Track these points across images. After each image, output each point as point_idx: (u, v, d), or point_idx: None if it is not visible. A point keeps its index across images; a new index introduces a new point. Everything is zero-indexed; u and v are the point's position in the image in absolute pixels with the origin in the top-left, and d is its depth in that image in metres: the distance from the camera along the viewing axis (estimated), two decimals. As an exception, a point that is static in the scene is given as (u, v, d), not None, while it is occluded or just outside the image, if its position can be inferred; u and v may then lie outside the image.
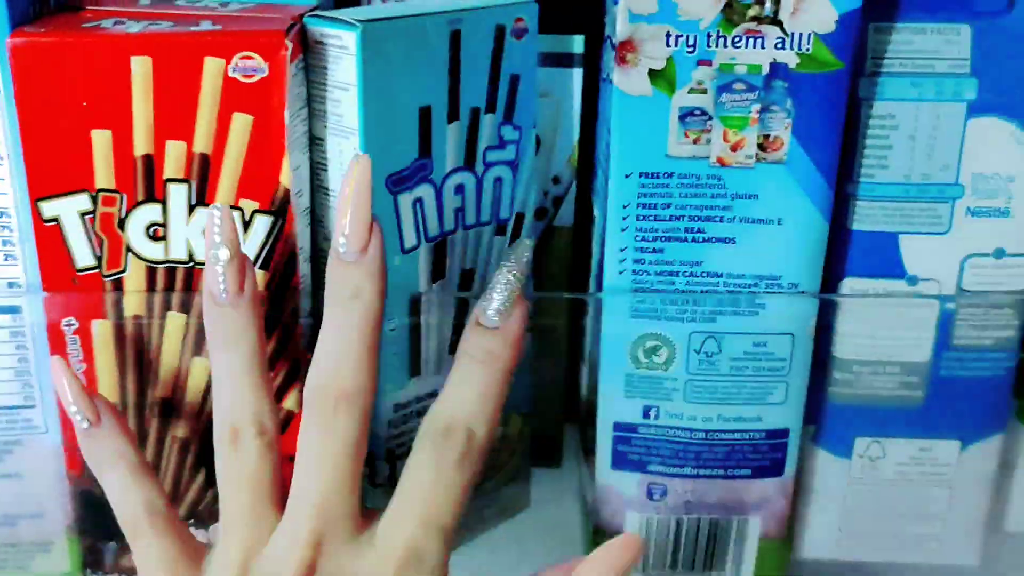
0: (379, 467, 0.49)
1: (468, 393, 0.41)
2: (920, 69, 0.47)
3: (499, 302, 0.41)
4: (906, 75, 0.47)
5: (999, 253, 0.49)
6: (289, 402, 0.47)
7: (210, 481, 0.43)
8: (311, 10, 0.46)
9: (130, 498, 0.41)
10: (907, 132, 0.47)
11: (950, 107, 0.47)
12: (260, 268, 0.45)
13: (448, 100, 0.46)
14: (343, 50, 0.43)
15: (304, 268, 0.46)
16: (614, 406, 0.51)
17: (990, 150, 0.47)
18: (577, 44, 0.50)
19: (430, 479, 0.40)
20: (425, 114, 0.46)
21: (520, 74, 0.49)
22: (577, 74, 0.50)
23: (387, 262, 0.41)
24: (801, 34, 0.45)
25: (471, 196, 0.48)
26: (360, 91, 0.43)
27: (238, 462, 0.40)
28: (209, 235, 0.40)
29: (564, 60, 0.50)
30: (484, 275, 0.50)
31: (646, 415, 0.51)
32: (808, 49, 0.45)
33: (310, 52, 0.45)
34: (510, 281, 0.41)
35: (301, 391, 0.41)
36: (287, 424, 0.45)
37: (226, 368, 0.41)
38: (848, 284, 0.49)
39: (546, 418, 0.56)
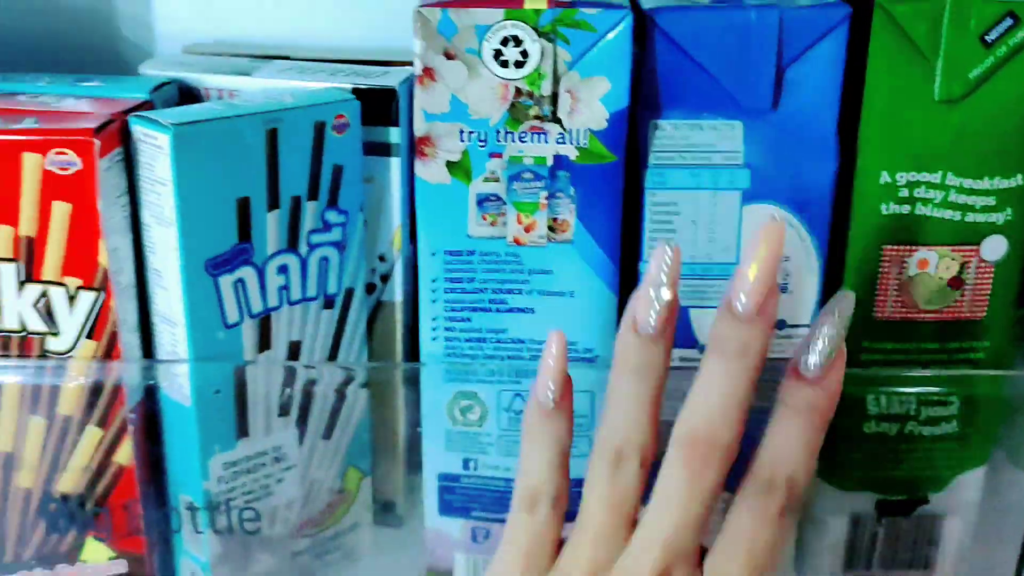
0: (201, 516, 0.54)
1: (790, 444, 0.42)
2: (698, 161, 0.51)
3: (822, 354, 0.42)
4: (686, 167, 0.51)
5: (780, 325, 0.53)
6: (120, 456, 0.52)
7: (53, 528, 0.49)
8: (139, 106, 0.50)
9: (544, 477, 0.45)
10: (689, 217, 0.52)
11: (726, 195, 0.51)
12: (86, 338, 0.50)
13: (267, 191, 0.51)
14: (159, 149, 0.48)
15: (128, 338, 0.51)
16: (437, 459, 0.55)
17: (765, 232, 0.52)
18: (394, 135, 0.55)
19: (754, 528, 0.42)
20: (244, 204, 0.50)
21: (343, 164, 0.53)
22: (395, 162, 0.55)
23: (212, 337, 0.46)
24: (578, 130, 0.49)
25: (295, 275, 0.53)
26: (175, 188, 0.48)
27: (612, 483, 0.43)
28: (656, 270, 0.43)
29: (385, 149, 0.54)
30: (311, 347, 0.55)
31: (466, 466, 0.55)
32: (585, 144, 0.50)
33: (136, 146, 0.49)
34: (832, 333, 0.42)
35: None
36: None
37: (628, 392, 0.43)
38: (645, 353, 0.54)
39: (386, 473, 0.60)
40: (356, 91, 0.54)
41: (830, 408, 0.43)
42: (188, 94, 0.55)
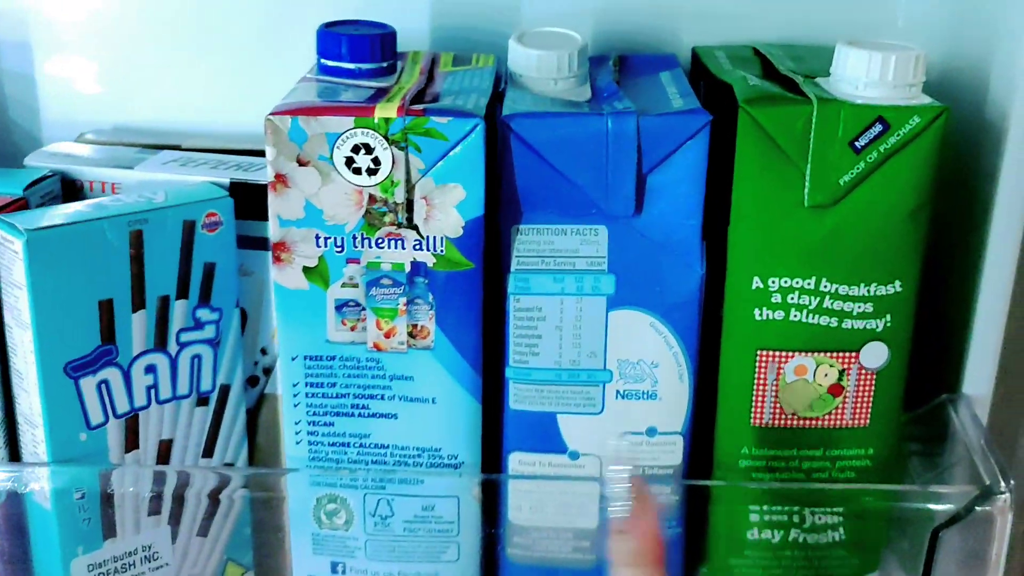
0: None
1: None
2: (562, 267, 0.50)
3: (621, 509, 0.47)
4: (549, 272, 0.50)
5: (651, 431, 0.52)
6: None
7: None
8: (10, 204, 0.51)
9: None
10: (554, 323, 0.51)
11: (592, 300, 0.51)
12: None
13: (132, 291, 0.51)
14: (15, 254, 0.48)
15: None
16: (306, 562, 0.55)
17: (632, 339, 0.51)
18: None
19: None
20: (107, 306, 0.50)
21: (216, 261, 0.53)
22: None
23: (74, 438, 0.46)
24: (435, 237, 0.49)
25: (164, 374, 0.53)
26: (30, 292, 0.48)
27: None
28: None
29: (263, 243, 0.54)
30: (184, 445, 0.54)
31: (334, 570, 0.54)
32: (442, 251, 0.49)
33: (-1, 250, 0.50)
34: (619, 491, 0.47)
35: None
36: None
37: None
38: (516, 458, 0.53)
39: (272, 569, 0.60)
40: (233, 185, 0.54)
41: (658, 546, 0.47)
42: (71, 187, 0.56)
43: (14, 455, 0.53)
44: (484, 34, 0.61)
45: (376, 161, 0.48)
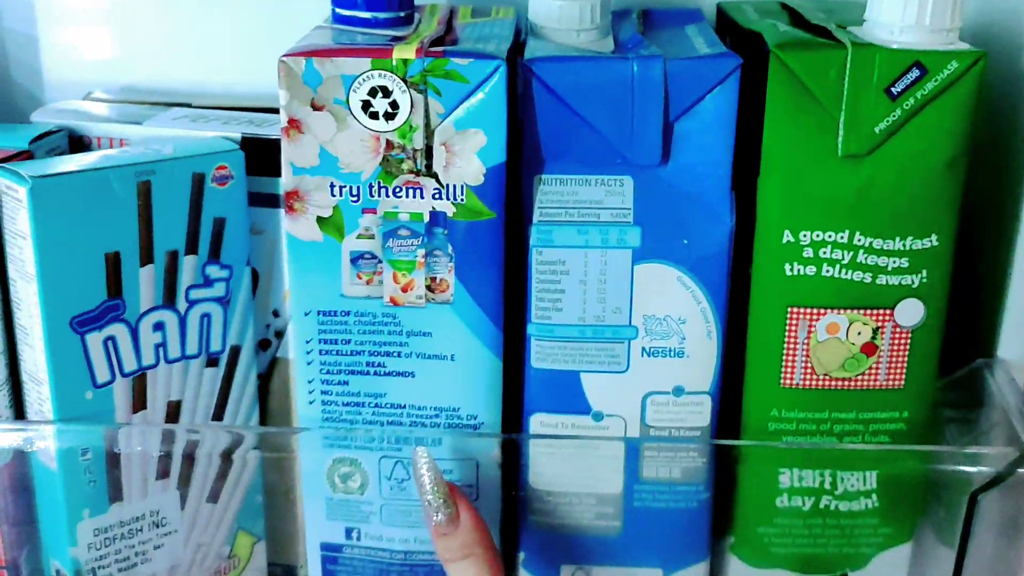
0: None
1: None
2: (586, 218, 0.48)
3: (440, 510, 0.46)
4: (573, 224, 0.49)
5: (678, 391, 0.50)
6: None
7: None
8: (14, 156, 0.49)
9: None
10: (577, 277, 0.49)
11: (617, 254, 0.49)
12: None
13: (140, 245, 0.49)
14: (19, 203, 0.47)
15: (-7, 398, 0.49)
16: (319, 527, 0.53)
17: (659, 294, 0.49)
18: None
19: None
20: (113, 259, 0.49)
21: (226, 216, 0.51)
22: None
23: (79, 396, 0.44)
24: (455, 185, 0.47)
25: (173, 332, 0.51)
26: (35, 242, 0.47)
27: None
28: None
29: (275, 200, 0.52)
30: (193, 407, 0.53)
31: (349, 536, 0.53)
32: (463, 200, 0.47)
33: (2, 199, 0.48)
34: (432, 492, 0.46)
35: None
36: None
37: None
38: (537, 419, 0.51)
39: (284, 537, 0.58)
40: (244, 140, 0.52)
41: (483, 536, 0.47)
42: (78, 143, 0.54)
43: (19, 414, 0.51)
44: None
45: (394, 105, 0.46)
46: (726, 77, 0.47)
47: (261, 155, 0.52)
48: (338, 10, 0.51)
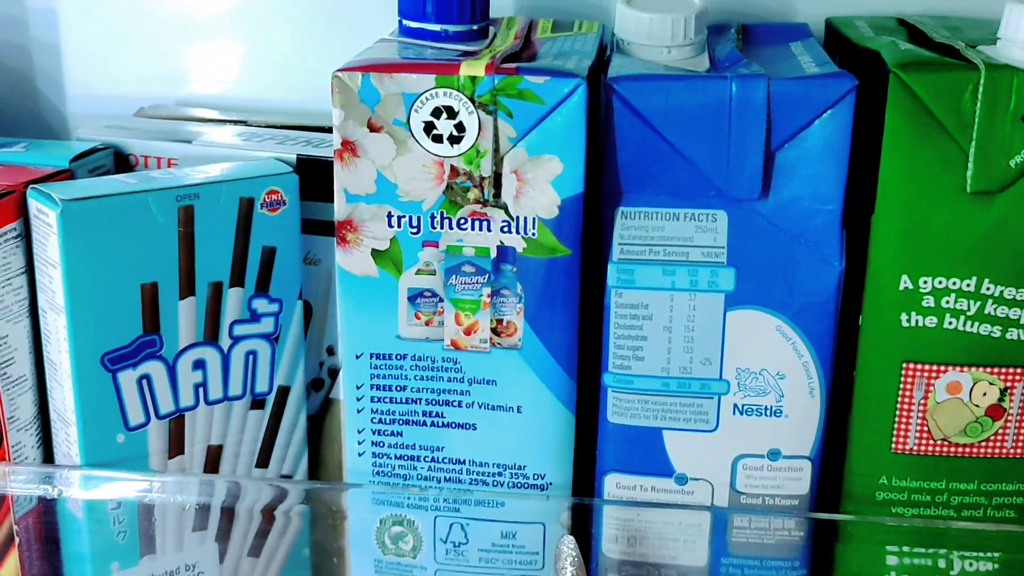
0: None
1: None
2: (673, 257, 0.43)
3: None
4: (658, 263, 0.43)
5: (774, 455, 0.45)
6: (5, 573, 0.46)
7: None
8: (52, 176, 0.45)
9: None
10: (662, 323, 0.44)
11: (707, 298, 0.43)
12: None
13: (180, 275, 0.45)
14: (49, 228, 0.43)
15: (19, 438, 0.45)
16: (368, 593, 0.48)
17: (754, 345, 0.43)
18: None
19: None
20: (151, 290, 0.44)
21: (276, 245, 0.47)
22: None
23: (110, 439, 0.40)
24: (526, 218, 0.42)
25: (215, 371, 0.47)
26: (64, 271, 0.43)
27: None
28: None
29: (330, 228, 0.48)
30: (235, 453, 0.48)
31: (400, 604, 0.48)
32: (534, 234, 0.42)
33: (33, 222, 0.44)
34: None
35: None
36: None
37: None
38: (612, 480, 0.46)
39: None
40: (300, 161, 0.48)
41: None
42: (124, 162, 0.50)
43: (48, 456, 0.47)
44: (585, 6, 0.54)
45: (460, 127, 0.41)
46: (839, 100, 0.41)
47: (318, 177, 0.47)
48: (405, 22, 0.46)
